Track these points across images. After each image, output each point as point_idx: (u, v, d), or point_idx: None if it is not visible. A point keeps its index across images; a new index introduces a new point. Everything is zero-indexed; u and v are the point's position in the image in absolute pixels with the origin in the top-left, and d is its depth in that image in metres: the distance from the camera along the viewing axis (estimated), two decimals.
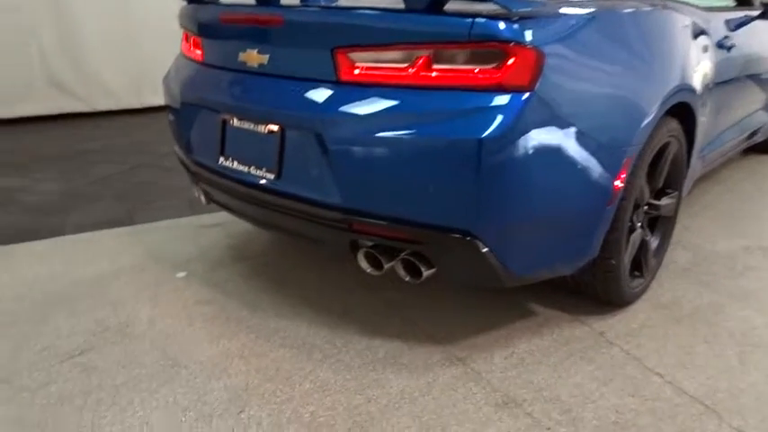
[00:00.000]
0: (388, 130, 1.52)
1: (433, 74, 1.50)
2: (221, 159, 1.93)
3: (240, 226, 2.79)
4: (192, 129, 2.08)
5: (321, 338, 1.93)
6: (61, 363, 1.81)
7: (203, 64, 2.04)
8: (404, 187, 1.55)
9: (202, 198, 2.25)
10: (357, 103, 1.57)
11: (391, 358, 1.82)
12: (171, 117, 2.22)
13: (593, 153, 1.61)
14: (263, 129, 1.78)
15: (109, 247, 2.60)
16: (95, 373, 1.76)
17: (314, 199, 1.68)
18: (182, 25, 2.22)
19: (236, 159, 1.88)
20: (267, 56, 1.76)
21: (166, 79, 2.26)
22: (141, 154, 4.12)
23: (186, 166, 2.19)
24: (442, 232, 1.56)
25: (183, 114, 2.10)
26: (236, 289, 2.24)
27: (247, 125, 1.83)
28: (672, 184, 2.17)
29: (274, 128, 1.74)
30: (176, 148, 2.25)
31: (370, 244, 1.69)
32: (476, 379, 1.72)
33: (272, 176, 1.77)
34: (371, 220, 1.61)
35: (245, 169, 1.85)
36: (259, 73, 1.78)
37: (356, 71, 1.59)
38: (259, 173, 1.80)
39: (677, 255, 2.49)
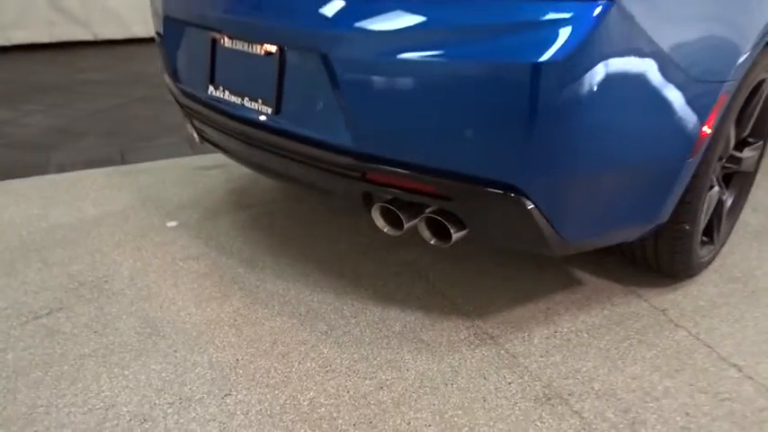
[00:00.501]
0: (414, 51, 1.17)
1: None
2: (211, 89, 1.60)
3: (245, 168, 2.47)
4: (179, 51, 1.73)
5: (328, 306, 1.63)
6: (24, 325, 1.55)
7: None
8: (431, 127, 1.20)
9: (196, 136, 1.93)
10: (374, 15, 1.21)
11: (410, 333, 1.53)
12: (157, 38, 1.87)
13: (681, 89, 1.24)
14: (258, 50, 1.43)
15: (94, 190, 2.32)
16: (61, 339, 1.49)
17: (319, 140, 1.35)
18: None
19: (228, 89, 1.54)
20: None
21: None
22: (143, 86, 3.79)
23: (175, 98, 1.86)
24: (479, 185, 1.22)
25: (169, 33, 1.75)
26: (234, 242, 1.95)
27: (240, 45, 1.48)
28: (757, 132, 1.78)
29: (272, 48, 1.39)
30: (165, 76, 1.92)
31: (387, 198, 1.36)
32: (511, 364, 1.42)
33: (269, 110, 1.43)
34: (389, 168, 1.28)
35: (238, 101, 1.51)
36: None
37: None
38: (254, 106, 1.47)
39: (747, 216, 2.13)
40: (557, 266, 1.82)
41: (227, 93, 1.54)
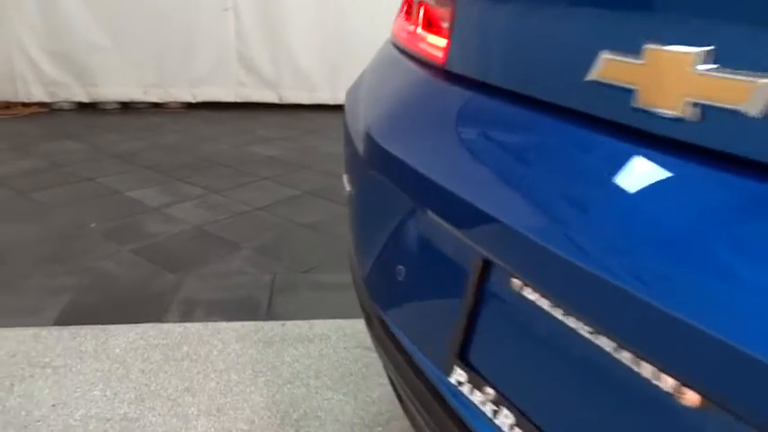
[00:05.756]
0: None
1: None
2: (456, 370, 0.68)
3: None
4: (387, 240, 0.85)
5: None
6: None
7: (446, 76, 0.78)
8: None
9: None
10: None
11: None
12: (347, 181, 1.01)
13: None
14: (639, 366, 0.48)
15: (215, 370, 1.52)
16: None
17: None
18: None
19: (497, 391, 0.61)
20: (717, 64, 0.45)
21: (352, 94, 1.06)
22: (316, 173, 3.09)
23: (364, 309, 0.98)
24: None
25: (368, 191, 0.89)
26: None
27: (572, 322, 0.54)
28: None
29: (695, 398, 0.43)
30: (351, 249, 1.06)
31: None
32: None
33: None
34: None
35: None
36: (680, 145, 0.47)
37: None
38: None
39: None
40: None
41: (489, 404, 0.61)
